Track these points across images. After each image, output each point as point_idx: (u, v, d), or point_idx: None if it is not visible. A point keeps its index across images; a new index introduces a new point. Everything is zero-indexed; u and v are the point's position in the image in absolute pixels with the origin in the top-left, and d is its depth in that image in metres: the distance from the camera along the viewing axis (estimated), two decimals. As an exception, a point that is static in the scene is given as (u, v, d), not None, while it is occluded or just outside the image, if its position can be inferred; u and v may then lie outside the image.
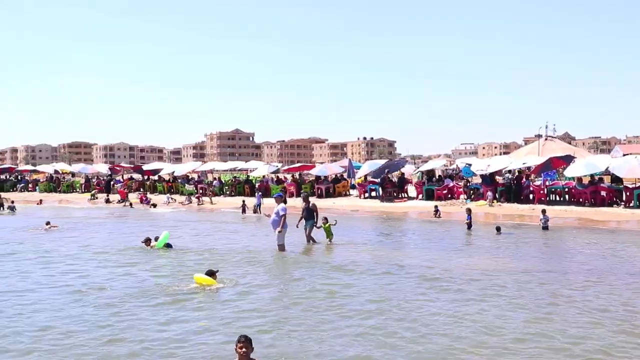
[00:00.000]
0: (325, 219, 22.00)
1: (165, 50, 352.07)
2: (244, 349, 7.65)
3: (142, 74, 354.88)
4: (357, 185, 45.24)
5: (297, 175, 52.31)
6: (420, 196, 40.70)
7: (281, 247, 19.44)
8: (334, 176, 48.18)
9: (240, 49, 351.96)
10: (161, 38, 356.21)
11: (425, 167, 48.13)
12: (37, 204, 47.24)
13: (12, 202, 42.44)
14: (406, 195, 41.67)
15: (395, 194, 41.43)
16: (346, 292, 13.31)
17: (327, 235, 21.63)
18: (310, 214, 21.48)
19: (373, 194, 42.98)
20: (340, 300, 12.64)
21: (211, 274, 14.28)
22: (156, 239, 20.65)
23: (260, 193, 38.60)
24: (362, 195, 43.05)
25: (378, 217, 33.62)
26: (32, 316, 11.55)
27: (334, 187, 45.05)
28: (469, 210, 26.48)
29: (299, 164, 73.74)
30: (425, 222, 30.41)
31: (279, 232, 19.42)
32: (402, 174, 44.82)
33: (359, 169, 47.60)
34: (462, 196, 38.64)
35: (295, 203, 38.30)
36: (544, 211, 25.64)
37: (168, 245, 20.35)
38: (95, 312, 11.82)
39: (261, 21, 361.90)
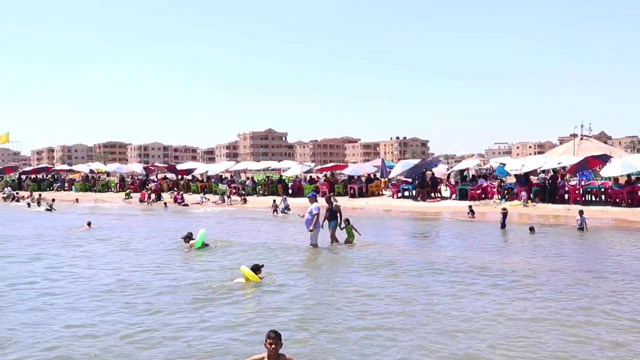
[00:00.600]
0: (347, 220, 21.98)
1: (199, 50, 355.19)
2: (273, 345, 7.70)
3: (176, 74, 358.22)
4: (390, 185, 45.19)
5: (329, 174, 52.34)
6: (453, 196, 40.47)
7: (314, 246, 19.53)
8: (366, 176, 48.13)
9: (273, 48, 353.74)
10: (195, 38, 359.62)
11: (459, 166, 47.90)
12: (74, 202, 47.87)
13: (53, 200, 43.62)
14: (439, 195, 41.44)
15: (428, 194, 41.20)
16: (379, 292, 13.26)
17: (349, 236, 21.59)
18: (333, 214, 21.43)
19: (406, 193, 42.82)
20: (372, 300, 12.59)
21: (256, 269, 14.48)
22: (188, 237, 20.79)
23: (285, 197, 38.65)
24: (395, 195, 42.92)
25: (411, 217, 33.48)
26: (97, 310, 11.76)
27: (366, 186, 44.99)
28: (504, 210, 26.27)
29: (331, 164, 73.70)
30: (459, 222, 30.19)
31: (311, 231, 19.54)
32: (433, 173, 44.54)
33: (392, 168, 47.49)
34: (495, 196, 38.33)
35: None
36: (581, 212, 25.21)
37: (204, 244, 20.49)
38: (134, 310, 11.96)
39: (295, 21, 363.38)
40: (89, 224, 28.01)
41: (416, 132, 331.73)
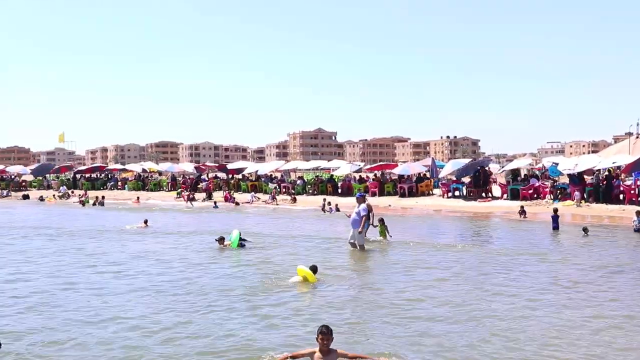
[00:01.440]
0: (382, 220, 22.01)
1: (249, 49, 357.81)
2: (324, 340, 7.99)
3: (227, 75, 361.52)
4: (440, 184, 44.94)
5: (379, 174, 52.24)
6: (505, 196, 40.00)
7: (362, 247, 19.57)
8: (416, 175, 47.92)
9: (324, 48, 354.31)
10: (247, 38, 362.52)
11: (510, 166, 47.35)
12: (135, 202, 48.66)
13: (103, 197, 45.15)
14: (490, 195, 41.00)
15: (479, 194, 40.80)
16: (429, 293, 13.25)
17: (381, 234, 21.73)
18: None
19: (457, 193, 42.50)
20: (422, 303, 12.56)
21: (314, 270, 14.63)
22: (222, 239, 20.92)
23: (329, 202, 38.61)
24: (445, 195, 42.62)
25: (461, 217, 33.22)
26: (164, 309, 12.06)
27: (416, 186, 44.77)
28: (555, 211, 25.89)
29: (381, 163, 73.66)
30: (511, 222, 29.82)
31: (360, 232, 19.62)
32: (488, 168, 44.07)
33: (442, 168, 47.20)
34: (548, 196, 37.74)
35: (377, 202, 38.42)
36: (638, 213, 24.53)
37: (241, 245, 20.53)
38: (188, 306, 12.22)
39: (345, 20, 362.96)
40: (145, 222, 28.59)
41: (467, 131, 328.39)
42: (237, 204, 44.61)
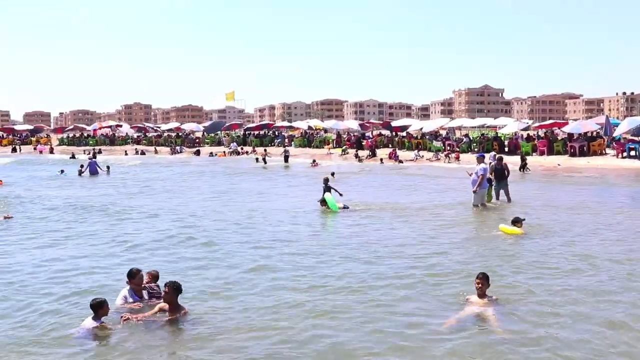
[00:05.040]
0: (490, 180, 21.27)
1: (414, 6, 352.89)
2: (480, 285, 9.08)
3: (392, 32, 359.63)
4: (614, 144, 42.73)
5: (548, 132, 50.45)
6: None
7: (476, 207, 19.80)
8: (588, 134, 45.80)
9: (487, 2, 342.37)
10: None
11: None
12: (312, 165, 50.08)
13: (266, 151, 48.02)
14: (671, 155, 38.44)
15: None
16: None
17: (488, 197, 20.99)
18: (501, 174, 21.50)
19: (632, 153, 40.19)
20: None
21: (516, 221, 15.10)
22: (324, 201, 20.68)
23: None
24: (620, 155, 40.45)
25: (637, 178, 31.49)
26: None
27: (588, 145, 42.80)
28: None
29: (550, 121, 70.88)
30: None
31: (474, 192, 19.71)
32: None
33: (617, 126, 44.79)
34: None
35: (545, 161, 37.30)
36: None
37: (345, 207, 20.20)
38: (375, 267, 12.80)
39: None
40: (332, 174, 30.04)
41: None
42: (401, 161, 44.91)
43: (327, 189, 20.75)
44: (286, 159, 46.17)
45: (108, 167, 36.82)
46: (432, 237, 15.17)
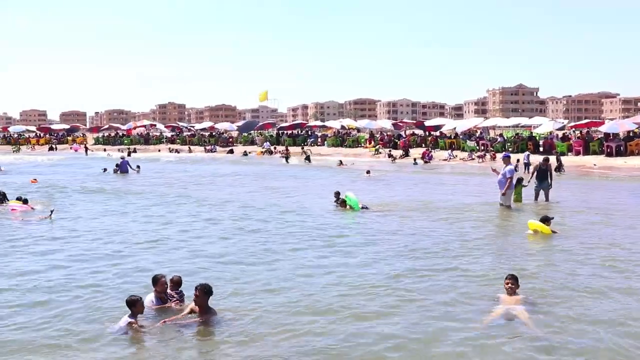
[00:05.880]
0: (520, 179, 21.21)
1: (445, 7, 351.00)
2: (510, 285, 9.23)
3: (422, 31, 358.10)
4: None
5: (584, 132, 49.83)
6: None
7: (507, 207, 19.56)
8: (626, 134, 45.12)
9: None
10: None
11: None
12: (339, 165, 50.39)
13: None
14: None
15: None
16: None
17: (516, 200, 20.57)
18: (544, 175, 21.28)
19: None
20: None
21: (545, 220, 15.05)
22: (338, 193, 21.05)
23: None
24: (658, 155, 39.79)
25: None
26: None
27: (625, 145, 42.19)
28: None
29: (586, 120, 69.98)
30: None
31: (503, 194, 19.53)
32: None
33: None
34: None
35: (581, 161, 36.87)
36: None
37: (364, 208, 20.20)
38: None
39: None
40: (368, 172, 31.58)
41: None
42: (427, 161, 44.92)
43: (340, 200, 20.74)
44: (308, 159, 46.92)
45: (138, 167, 37.06)
46: (461, 235, 15.15)
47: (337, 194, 21.04)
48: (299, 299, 9.88)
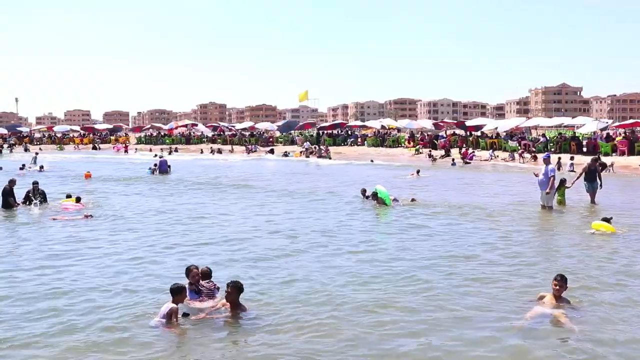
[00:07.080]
0: (563, 180, 20.85)
1: (486, 6, 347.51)
2: (558, 287, 9.11)
3: (464, 31, 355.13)
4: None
5: (629, 132, 48.95)
6: None
7: (550, 208, 19.37)
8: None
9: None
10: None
11: None
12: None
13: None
14: None
15: None
16: None
17: (559, 202, 20.29)
18: (593, 175, 21.04)
19: None
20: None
21: (607, 220, 15.21)
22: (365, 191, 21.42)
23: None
24: None
25: None
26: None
27: (671, 145, 41.34)
28: None
29: (631, 120, 68.59)
30: None
31: (547, 193, 19.31)
32: None
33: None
34: None
35: (626, 162, 36.25)
36: None
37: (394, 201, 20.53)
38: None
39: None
40: (417, 172, 31.93)
41: None
42: (468, 162, 44.56)
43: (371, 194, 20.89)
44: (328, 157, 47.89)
45: (169, 166, 37.31)
46: (503, 237, 15.07)
47: (364, 191, 21.20)
48: (334, 297, 9.93)
